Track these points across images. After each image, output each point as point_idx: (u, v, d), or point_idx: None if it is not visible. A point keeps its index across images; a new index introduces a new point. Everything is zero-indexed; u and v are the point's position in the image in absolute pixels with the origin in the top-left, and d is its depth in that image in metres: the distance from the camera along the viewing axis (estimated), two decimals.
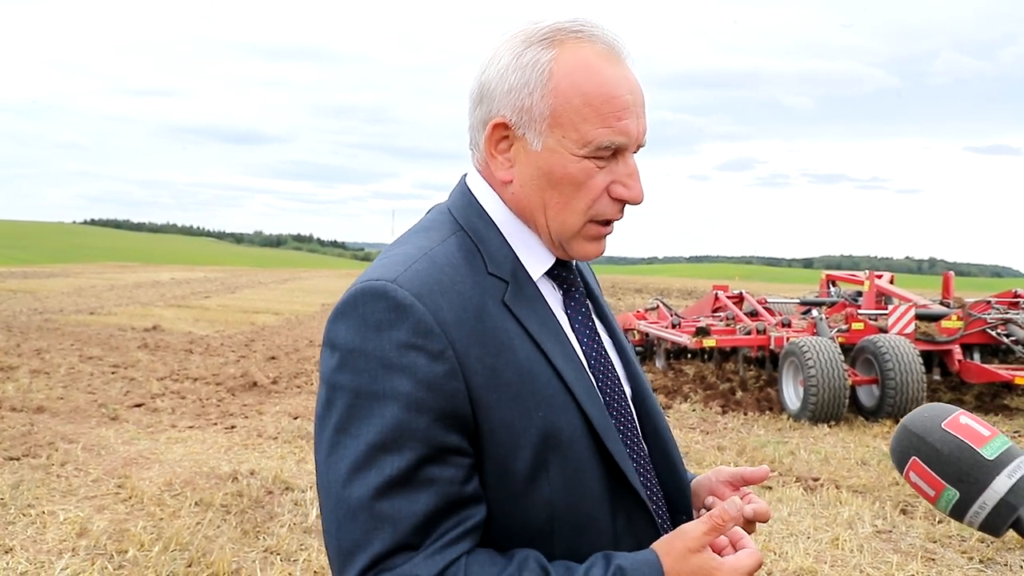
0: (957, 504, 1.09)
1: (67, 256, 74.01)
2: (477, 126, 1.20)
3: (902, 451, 1.14)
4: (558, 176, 1.14)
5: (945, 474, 1.08)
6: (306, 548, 4.79)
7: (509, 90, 1.14)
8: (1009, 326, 9.53)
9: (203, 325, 17.56)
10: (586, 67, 1.12)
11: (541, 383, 1.11)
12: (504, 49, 1.16)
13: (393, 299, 1.06)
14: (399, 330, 1.05)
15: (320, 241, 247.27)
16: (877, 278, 11.17)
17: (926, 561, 4.80)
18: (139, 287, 30.89)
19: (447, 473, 1.05)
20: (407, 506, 1.02)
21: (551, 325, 1.16)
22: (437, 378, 1.04)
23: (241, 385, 10.08)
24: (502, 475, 1.08)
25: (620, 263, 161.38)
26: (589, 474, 1.12)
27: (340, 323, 1.09)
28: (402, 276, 1.09)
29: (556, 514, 1.10)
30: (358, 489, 1.03)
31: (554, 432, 1.10)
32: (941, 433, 1.10)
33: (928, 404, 1.17)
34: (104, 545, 4.74)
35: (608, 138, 1.12)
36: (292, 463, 6.58)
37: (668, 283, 48.03)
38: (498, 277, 1.15)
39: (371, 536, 1.02)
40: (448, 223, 1.20)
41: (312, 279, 45.84)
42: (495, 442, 1.08)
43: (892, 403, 8.37)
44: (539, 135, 1.14)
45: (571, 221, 1.17)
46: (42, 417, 8.06)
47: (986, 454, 1.07)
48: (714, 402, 9.46)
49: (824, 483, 6.33)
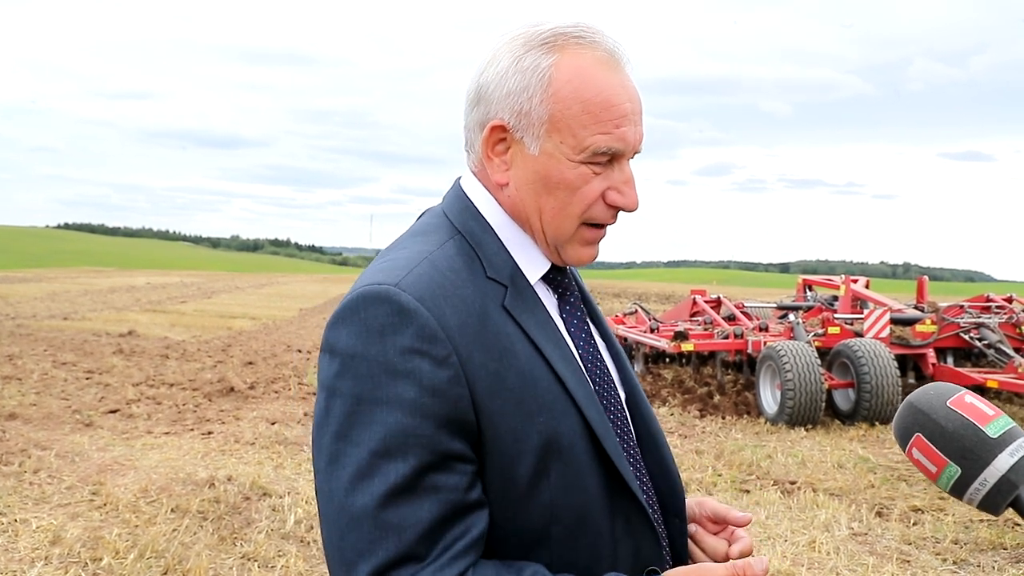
0: (958, 481, 1.10)
1: (41, 261, 73.10)
2: (474, 127, 1.19)
3: (906, 427, 1.15)
4: (555, 181, 1.14)
5: (948, 451, 1.09)
6: (284, 554, 4.75)
7: (508, 93, 1.14)
8: (982, 330, 9.67)
9: (179, 330, 17.41)
10: (586, 74, 1.12)
11: (542, 388, 1.10)
12: (504, 51, 1.16)
13: (396, 303, 1.05)
14: (402, 335, 1.04)
15: (298, 246, 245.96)
16: (853, 283, 11.28)
17: (901, 563, 4.85)
18: (114, 292, 30.57)
19: (452, 480, 1.03)
20: (412, 514, 1.00)
21: (550, 329, 1.16)
22: (441, 384, 1.03)
23: (218, 390, 9.99)
24: (505, 481, 1.08)
25: (599, 268, 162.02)
26: (589, 478, 1.12)
27: (340, 328, 1.07)
28: (404, 280, 1.07)
29: (555, 518, 1.10)
30: (361, 497, 1.01)
31: (555, 437, 1.09)
32: (946, 411, 1.10)
33: (933, 383, 1.18)
34: (78, 553, 4.68)
35: (606, 144, 1.12)
36: (270, 469, 6.53)
37: (646, 287, 48.25)
38: (497, 281, 1.14)
39: (375, 545, 1.00)
40: (445, 227, 1.19)
41: (290, 284, 45.58)
42: (498, 448, 1.07)
43: (868, 406, 8.46)
44: (537, 139, 1.14)
45: (566, 226, 1.16)
46: (14, 424, 7.94)
47: (990, 432, 1.08)
48: (692, 406, 9.51)
49: (801, 486, 6.38)
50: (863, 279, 11.97)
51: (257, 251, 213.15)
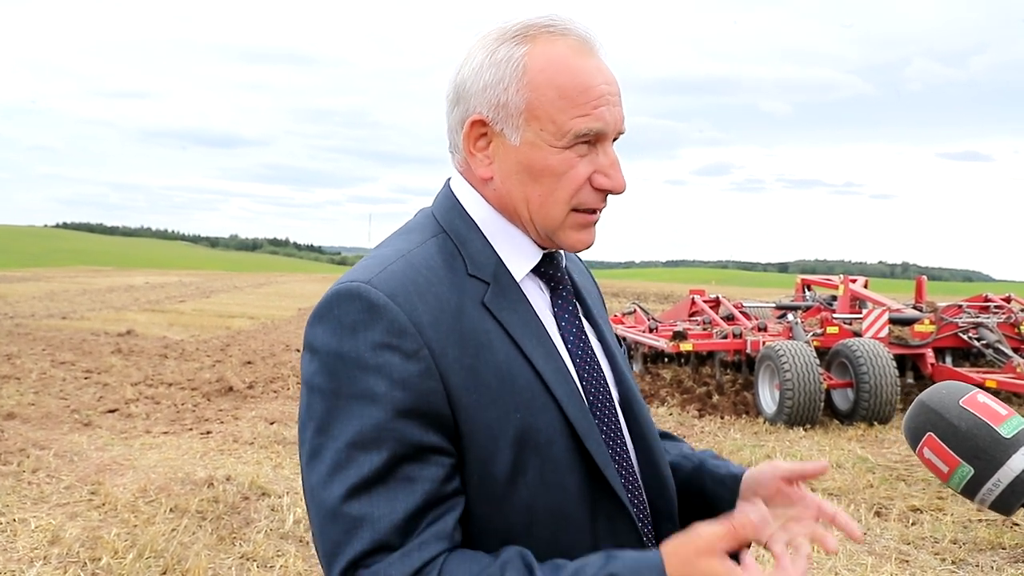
0: (971, 481, 1.08)
1: (39, 260, 73.02)
2: (455, 127, 1.20)
3: (918, 427, 1.13)
4: (538, 168, 1.15)
5: (961, 450, 1.08)
6: (283, 554, 4.75)
7: (484, 87, 1.15)
8: (980, 330, 9.67)
9: (178, 330, 17.39)
10: (559, 60, 1.13)
11: (520, 384, 1.11)
12: (477, 48, 1.17)
13: (367, 300, 1.07)
14: (373, 331, 1.06)
15: (296, 245, 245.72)
16: (851, 282, 11.29)
17: (900, 563, 4.86)
18: (112, 291, 30.53)
19: (426, 472, 1.05)
20: (385, 505, 1.02)
21: (533, 326, 1.16)
22: (412, 377, 1.05)
23: (217, 390, 9.99)
24: (483, 477, 1.09)
25: (597, 267, 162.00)
26: (568, 476, 1.12)
27: (318, 326, 1.10)
28: (376, 277, 1.10)
29: (535, 516, 1.10)
30: (336, 489, 1.03)
31: (532, 433, 1.10)
32: (959, 410, 1.10)
33: (945, 382, 1.17)
34: (77, 553, 4.67)
35: (586, 126, 1.13)
36: (268, 468, 6.53)
37: (645, 287, 48.24)
38: (478, 279, 1.15)
39: (351, 536, 1.02)
40: (430, 225, 1.21)
41: (288, 283, 45.55)
42: (475, 443, 1.08)
43: (866, 406, 8.46)
44: (516, 129, 1.14)
45: (554, 212, 1.17)
46: (13, 423, 7.93)
47: (1003, 432, 1.07)
48: (691, 406, 9.51)
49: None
50: (862, 279, 11.98)
51: (256, 250, 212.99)
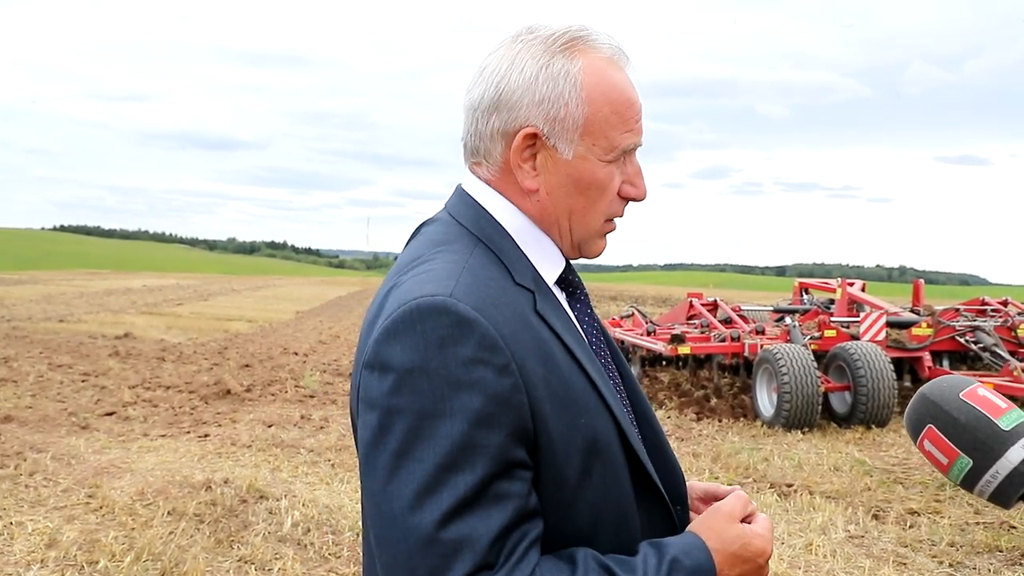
0: (970, 473, 1.10)
1: (36, 263, 72.92)
2: (493, 136, 1.18)
3: (918, 419, 1.15)
4: (587, 182, 1.18)
5: (960, 442, 1.09)
6: (281, 557, 4.75)
7: (541, 100, 1.14)
8: (977, 333, 9.70)
9: (175, 333, 17.38)
10: (607, 75, 1.17)
11: (579, 390, 1.11)
12: (525, 57, 1.16)
13: (456, 314, 1.03)
14: (464, 346, 1.02)
15: (294, 248, 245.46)
16: (849, 286, 11.31)
17: (898, 565, 4.86)
18: (110, 294, 30.51)
19: (515, 487, 1.03)
20: (482, 524, 0.99)
21: (574, 331, 1.18)
22: (505, 392, 1.02)
23: (214, 393, 9.98)
24: (555, 485, 1.08)
25: (595, 271, 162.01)
26: (622, 475, 1.14)
27: (394, 343, 1.04)
28: (456, 290, 1.05)
29: (599, 517, 1.12)
30: (429, 514, 0.99)
31: (596, 437, 1.11)
32: (959, 402, 1.11)
33: (946, 375, 1.19)
34: (74, 556, 4.67)
35: (631, 141, 1.18)
36: (266, 471, 6.52)
37: (643, 291, 48.27)
38: (524, 287, 1.15)
39: (451, 561, 0.98)
40: (465, 235, 1.18)
41: (286, 286, 45.54)
42: (551, 452, 1.07)
43: (864, 409, 8.47)
44: (570, 144, 1.16)
45: (594, 223, 1.21)
46: (10, 426, 7.92)
47: (1003, 425, 1.08)
48: (689, 409, 9.51)
49: (798, 489, 6.38)
50: (859, 282, 12.00)
51: (253, 253, 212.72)
